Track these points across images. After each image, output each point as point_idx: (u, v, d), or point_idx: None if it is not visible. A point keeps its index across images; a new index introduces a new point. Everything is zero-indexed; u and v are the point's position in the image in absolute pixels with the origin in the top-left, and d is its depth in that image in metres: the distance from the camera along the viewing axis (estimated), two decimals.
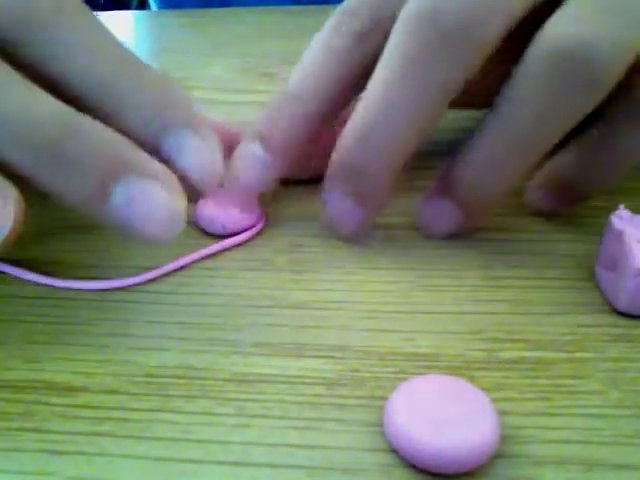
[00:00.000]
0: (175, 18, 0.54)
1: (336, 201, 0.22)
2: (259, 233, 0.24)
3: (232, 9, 0.54)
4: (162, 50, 0.44)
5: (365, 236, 0.24)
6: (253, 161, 0.23)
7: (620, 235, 0.20)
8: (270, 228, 0.25)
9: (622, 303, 0.20)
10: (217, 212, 0.24)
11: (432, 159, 0.27)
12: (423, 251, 0.23)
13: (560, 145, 0.22)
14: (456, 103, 0.21)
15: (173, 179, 0.18)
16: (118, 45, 0.20)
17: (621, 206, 0.20)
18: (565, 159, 0.23)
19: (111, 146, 0.17)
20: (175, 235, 0.18)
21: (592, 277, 0.21)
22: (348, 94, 0.23)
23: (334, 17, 0.23)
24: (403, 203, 0.26)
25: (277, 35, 0.49)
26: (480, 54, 0.20)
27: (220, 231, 0.24)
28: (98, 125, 0.17)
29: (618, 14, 0.19)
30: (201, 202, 0.25)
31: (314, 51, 0.23)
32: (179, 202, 0.17)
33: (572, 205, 0.24)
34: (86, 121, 0.17)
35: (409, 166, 0.22)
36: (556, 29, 0.19)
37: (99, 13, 0.31)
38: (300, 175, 0.26)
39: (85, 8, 0.20)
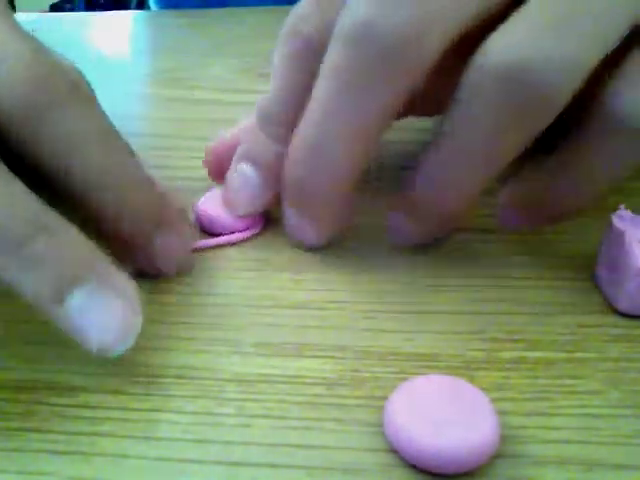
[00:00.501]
0: (175, 18, 0.54)
1: (291, 216, 0.23)
2: (259, 233, 0.24)
3: (232, 9, 0.54)
4: (162, 50, 0.44)
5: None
6: (247, 183, 0.23)
7: (621, 235, 0.20)
8: (270, 228, 0.25)
9: (622, 303, 0.20)
10: (217, 212, 0.24)
11: None
12: (423, 251, 0.23)
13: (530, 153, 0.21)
14: (415, 112, 0.21)
15: (133, 291, 0.17)
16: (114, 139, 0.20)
17: (621, 206, 0.20)
18: (532, 179, 0.22)
19: (74, 251, 0.17)
20: (124, 349, 0.17)
21: (592, 277, 0.21)
22: None
23: (287, 26, 0.23)
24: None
25: (277, 35, 0.48)
26: (418, 71, 0.19)
27: (220, 231, 0.24)
28: (67, 229, 0.17)
29: (564, 31, 0.18)
30: (201, 202, 0.25)
31: (276, 65, 0.23)
32: (135, 316, 0.17)
33: (544, 224, 0.23)
34: (56, 224, 0.17)
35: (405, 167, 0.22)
36: (496, 48, 0.18)
37: (99, 13, 0.31)
38: None
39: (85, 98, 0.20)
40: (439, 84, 0.20)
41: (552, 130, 0.20)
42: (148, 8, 0.63)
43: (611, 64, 0.19)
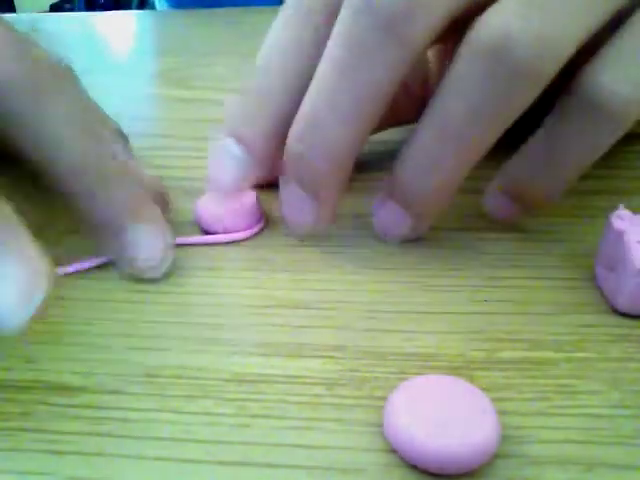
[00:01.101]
0: (176, 18, 0.54)
1: (291, 191, 0.22)
2: (259, 233, 0.24)
3: (232, 9, 0.54)
4: (163, 50, 0.44)
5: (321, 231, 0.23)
6: (232, 161, 0.22)
7: (620, 235, 0.20)
8: (270, 228, 0.25)
9: (622, 303, 0.20)
10: (217, 212, 0.24)
11: None
12: (423, 251, 0.23)
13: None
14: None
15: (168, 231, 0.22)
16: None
17: (621, 206, 0.20)
18: (513, 165, 0.22)
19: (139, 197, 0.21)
20: (161, 273, 0.22)
21: (592, 277, 0.21)
22: None
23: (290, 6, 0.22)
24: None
25: None
26: (417, 44, 0.19)
27: (220, 231, 0.24)
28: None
29: (550, 10, 0.18)
30: (201, 202, 0.25)
31: (278, 42, 0.22)
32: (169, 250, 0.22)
33: (528, 212, 0.23)
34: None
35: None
36: (485, 24, 0.19)
37: (100, 13, 0.31)
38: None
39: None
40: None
41: (539, 116, 0.20)
42: (152, 7, 0.63)
43: (596, 45, 0.20)
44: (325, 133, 0.21)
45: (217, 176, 0.23)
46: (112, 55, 0.42)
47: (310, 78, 0.21)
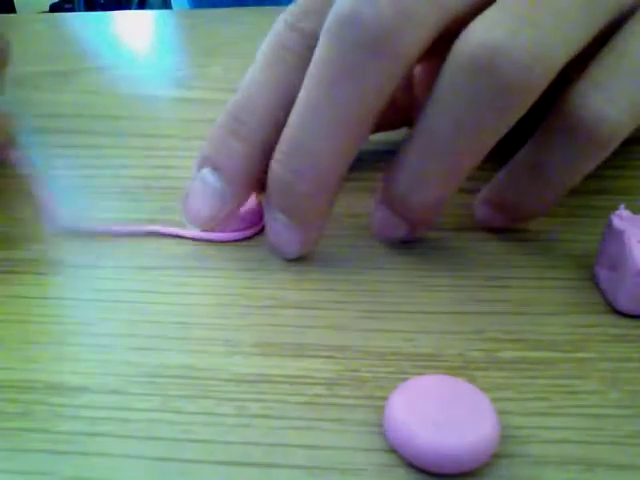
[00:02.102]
0: (175, 18, 0.54)
1: (276, 220, 0.21)
2: (259, 233, 0.24)
3: (232, 9, 0.54)
4: (162, 50, 0.44)
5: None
6: (208, 191, 0.22)
7: (620, 235, 0.20)
8: None
9: (622, 303, 0.20)
10: None
11: None
12: (423, 251, 0.23)
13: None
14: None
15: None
16: None
17: (621, 206, 0.20)
18: (500, 180, 0.22)
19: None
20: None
21: (592, 277, 0.21)
22: None
23: (274, 33, 0.22)
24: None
25: None
26: (401, 61, 0.19)
27: (220, 230, 0.24)
28: None
29: (539, 24, 0.18)
30: None
31: (260, 57, 0.22)
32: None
33: (517, 223, 0.23)
34: None
35: None
36: (471, 37, 0.18)
37: (100, 13, 0.30)
38: None
39: None
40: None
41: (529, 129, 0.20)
42: (149, 8, 0.63)
43: (584, 62, 0.19)
44: (310, 155, 0.20)
45: (194, 208, 0.22)
46: (112, 55, 0.42)
47: (291, 105, 0.20)
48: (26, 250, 0.24)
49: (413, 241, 0.23)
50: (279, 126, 0.21)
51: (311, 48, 0.20)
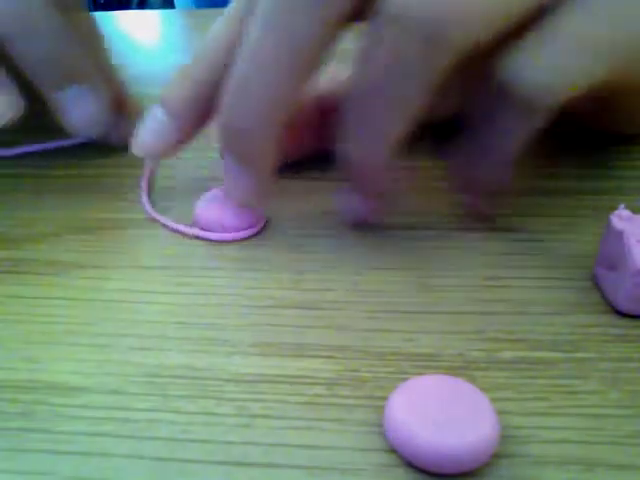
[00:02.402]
0: (175, 18, 0.54)
1: (228, 164, 0.22)
2: (259, 233, 0.24)
3: None
4: (163, 50, 0.44)
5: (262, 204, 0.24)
6: (155, 125, 0.24)
7: (620, 235, 0.20)
8: (270, 228, 0.25)
9: (622, 303, 0.20)
10: (217, 212, 0.24)
11: (428, 158, 0.27)
12: (423, 251, 0.23)
13: None
14: (434, 113, 0.21)
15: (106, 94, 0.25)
16: None
17: (621, 206, 0.20)
18: (454, 155, 0.23)
19: (72, 60, 0.24)
20: (98, 133, 0.26)
21: (592, 277, 0.21)
22: None
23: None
24: (402, 203, 0.26)
25: None
26: (331, 6, 0.19)
27: (220, 231, 0.24)
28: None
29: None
30: (201, 201, 0.25)
31: (210, 32, 0.24)
32: (105, 112, 0.25)
33: (486, 206, 0.24)
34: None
35: (408, 166, 0.22)
36: None
37: (100, 13, 0.30)
38: (292, 157, 0.26)
39: None
40: (455, 82, 0.20)
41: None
42: (149, 8, 0.63)
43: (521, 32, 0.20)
44: (252, 93, 0.21)
45: (140, 138, 0.24)
46: (115, 55, 0.42)
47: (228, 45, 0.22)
48: (26, 250, 0.24)
49: (413, 241, 0.23)
50: (223, 66, 0.22)
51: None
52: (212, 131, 0.23)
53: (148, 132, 0.24)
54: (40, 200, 0.27)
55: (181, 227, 0.24)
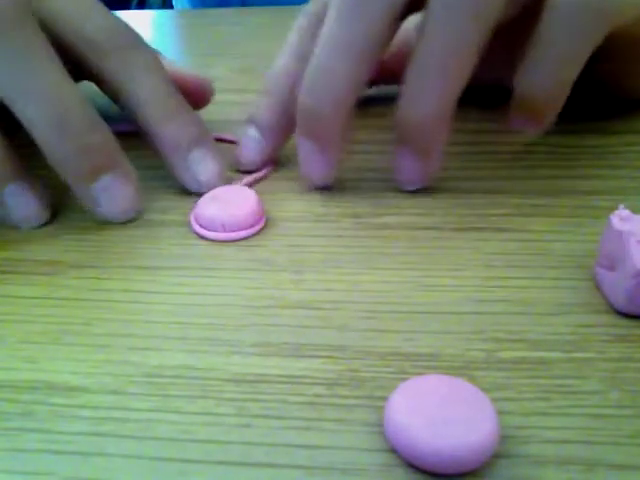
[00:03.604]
0: (175, 18, 0.54)
1: (303, 146, 0.25)
2: (259, 233, 0.24)
3: (232, 9, 0.54)
4: (163, 50, 0.44)
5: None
6: (251, 142, 0.28)
7: (620, 235, 0.20)
8: (270, 228, 0.25)
9: (622, 303, 0.20)
10: (217, 212, 0.24)
11: None
12: (423, 251, 0.23)
13: None
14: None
15: (135, 177, 0.25)
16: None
17: (621, 206, 0.20)
18: (518, 77, 0.24)
19: (108, 147, 0.24)
20: (130, 217, 0.25)
21: (592, 277, 0.21)
22: None
23: (297, 22, 0.28)
24: (402, 203, 0.26)
25: (277, 35, 0.48)
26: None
27: (220, 231, 0.24)
28: (106, 130, 0.24)
29: None
30: (201, 202, 0.25)
31: (283, 49, 0.28)
32: (138, 197, 0.25)
33: (540, 124, 0.25)
34: (102, 126, 0.24)
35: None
36: None
37: None
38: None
39: None
40: (495, 49, 0.23)
41: None
42: (149, 8, 0.63)
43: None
44: (329, 77, 0.23)
45: (241, 157, 0.28)
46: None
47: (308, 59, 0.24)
48: (26, 250, 0.24)
49: (413, 241, 0.23)
50: (301, 82, 0.24)
51: (321, 20, 0.24)
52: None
53: (247, 150, 0.28)
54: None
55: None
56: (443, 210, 0.25)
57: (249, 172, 0.28)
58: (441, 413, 0.15)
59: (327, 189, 0.27)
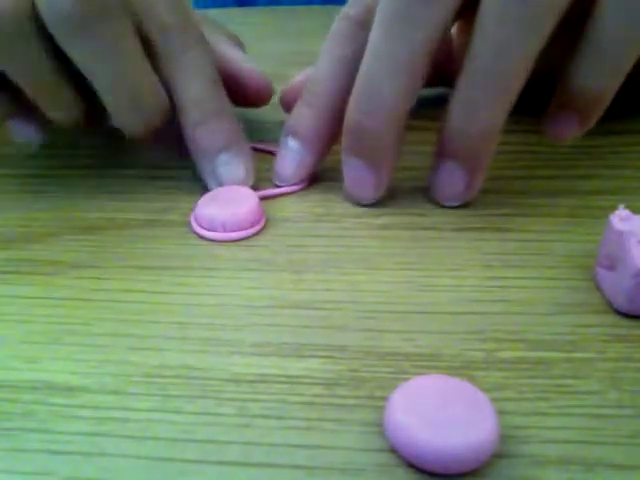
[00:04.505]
0: None
1: (352, 165, 0.25)
2: (259, 233, 0.24)
3: (234, 9, 0.54)
4: None
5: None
6: (292, 155, 0.27)
7: (620, 235, 0.20)
8: (270, 228, 0.25)
9: (622, 303, 0.20)
10: (217, 211, 0.24)
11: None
12: (423, 251, 0.23)
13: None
14: None
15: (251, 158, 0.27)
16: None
17: (621, 206, 0.20)
18: (568, 74, 0.24)
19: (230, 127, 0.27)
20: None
21: (592, 277, 0.21)
22: None
23: (333, 27, 0.26)
24: (402, 203, 0.26)
25: (278, 35, 0.49)
26: (448, 11, 0.22)
27: (220, 231, 0.24)
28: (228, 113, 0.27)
29: None
30: (201, 201, 0.25)
31: (325, 45, 0.26)
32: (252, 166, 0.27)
33: (588, 123, 0.24)
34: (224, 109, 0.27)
35: (408, 167, 0.22)
36: None
37: None
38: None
39: None
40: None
41: None
42: None
43: None
44: (376, 95, 0.23)
45: (279, 169, 0.27)
46: None
47: (355, 69, 0.24)
48: (26, 250, 0.24)
49: (413, 241, 0.23)
50: (344, 91, 0.24)
51: (363, 26, 0.24)
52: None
53: (287, 162, 0.27)
54: (40, 200, 0.27)
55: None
56: (443, 210, 0.25)
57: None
58: (441, 413, 0.15)
59: (326, 190, 0.27)
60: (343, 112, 0.24)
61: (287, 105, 0.30)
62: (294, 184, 0.27)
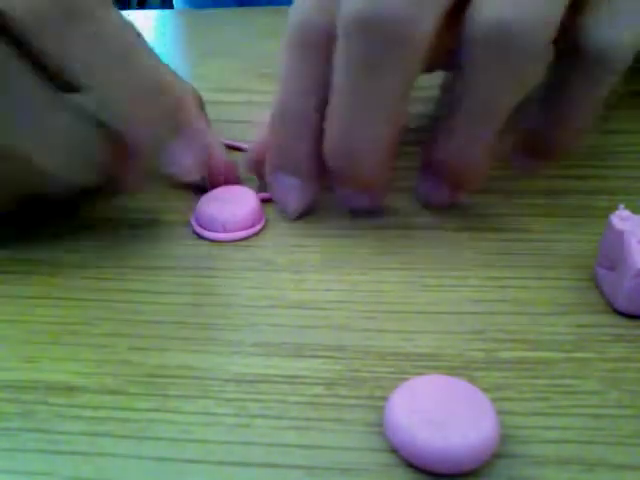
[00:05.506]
0: (175, 18, 0.54)
1: (342, 190, 0.24)
2: (259, 233, 0.24)
3: (233, 9, 0.54)
4: (161, 50, 0.44)
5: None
6: (291, 191, 0.25)
7: (620, 235, 0.20)
8: (270, 228, 0.25)
9: (622, 303, 0.20)
10: (217, 211, 0.24)
11: None
12: (423, 251, 0.23)
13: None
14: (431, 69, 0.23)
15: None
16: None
17: (621, 206, 0.20)
18: (533, 120, 0.24)
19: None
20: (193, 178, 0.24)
21: (592, 277, 0.21)
22: None
23: (294, 22, 0.23)
24: (402, 203, 0.26)
25: (277, 35, 0.48)
26: (422, 47, 0.20)
27: (220, 231, 0.24)
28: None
29: None
30: (201, 201, 0.25)
31: (286, 60, 0.23)
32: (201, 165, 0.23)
33: (546, 162, 0.25)
34: None
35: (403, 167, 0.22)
36: (479, 15, 0.20)
37: None
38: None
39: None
40: (448, 39, 0.21)
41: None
42: (149, 7, 0.63)
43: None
44: (363, 144, 0.22)
45: (285, 207, 0.25)
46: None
47: (325, 94, 0.22)
48: (26, 250, 0.24)
49: (413, 241, 0.23)
50: (321, 109, 0.22)
51: (329, 37, 0.21)
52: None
53: (291, 199, 0.25)
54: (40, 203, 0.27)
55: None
56: (443, 210, 0.25)
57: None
58: (441, 413, 0.15)
59: (327, 189, 0.27)
60: (322, 130, 0.23)
61: (257, 173, 0.27)
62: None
